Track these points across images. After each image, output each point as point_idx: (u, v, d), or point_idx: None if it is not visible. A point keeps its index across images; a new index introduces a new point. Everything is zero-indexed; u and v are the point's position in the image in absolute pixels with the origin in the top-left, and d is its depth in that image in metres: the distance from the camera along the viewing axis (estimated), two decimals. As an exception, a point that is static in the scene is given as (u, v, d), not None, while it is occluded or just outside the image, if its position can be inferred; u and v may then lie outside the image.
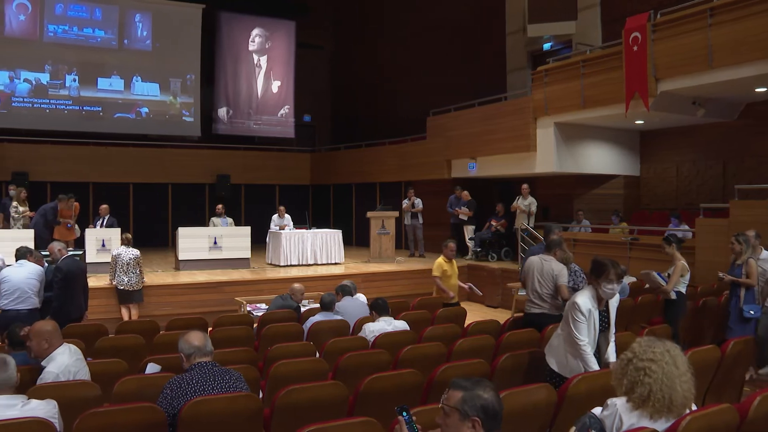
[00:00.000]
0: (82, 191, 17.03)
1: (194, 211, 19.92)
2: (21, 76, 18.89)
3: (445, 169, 16.57)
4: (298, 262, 14.43)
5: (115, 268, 10.77)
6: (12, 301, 7.75)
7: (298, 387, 4.40)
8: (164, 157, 20.22)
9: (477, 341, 6.17)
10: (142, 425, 3.94)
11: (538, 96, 13.72)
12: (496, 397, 2.68)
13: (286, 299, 8.82)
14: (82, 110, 19.60)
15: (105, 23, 19.94)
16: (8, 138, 18.56)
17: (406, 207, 16.00)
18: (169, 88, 20.58)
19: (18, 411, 3.72)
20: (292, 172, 22.18)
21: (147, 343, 6.72)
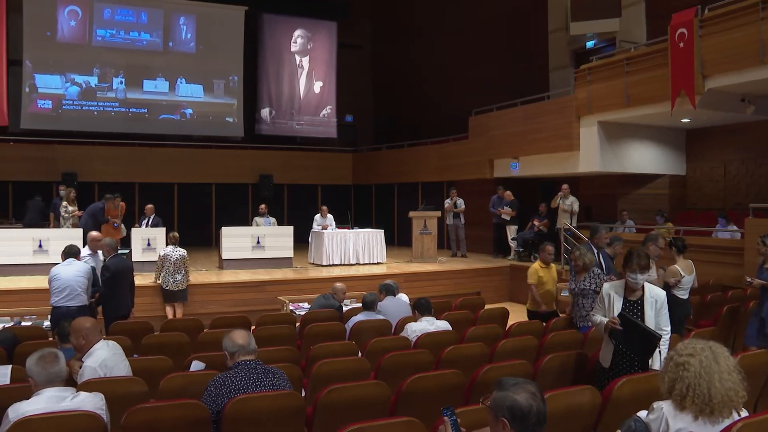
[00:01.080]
0: (128, 191, 17.33)
1: (237, 210, 20.10)
2: (71, 80, 19.34)
3: (488, 168, 16.48)
4: (341, 262, 14.48)
5: (162, 267, 10.86)
6: (62, 298, 7.93)
7: (340, 386, 4.41)
8: (208, 158, 20.48)
9: (520, 342, 6.13)
10: (187, 421, 4.01)
11: (581, 95, 13.56)
12: (535, 399, 2.62)
13: (329, 298, 8.86)
14: (129, 112, 19.97)
15: (150, 26, 20.29)
16: (59, 140, 19.04)
17: (449, 207, 15.95)
18: (213, 90, 20.83)
19: (68, 403, 3.83)
20: (334, 172, 22.27)
21: (191, 340, 6.81)
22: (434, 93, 20.48)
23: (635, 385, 4.33)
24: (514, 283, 14.20)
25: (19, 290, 10.89)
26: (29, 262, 12.32)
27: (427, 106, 20.70)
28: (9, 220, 17.72)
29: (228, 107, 21.02)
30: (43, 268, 10.69)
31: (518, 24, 17.52)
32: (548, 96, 15.10)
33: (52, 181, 18.12)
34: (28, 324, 7.88)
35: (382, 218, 20.59)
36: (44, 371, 3.85)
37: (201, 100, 20.70)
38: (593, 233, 7.68)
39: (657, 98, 11.69)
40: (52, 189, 17.66)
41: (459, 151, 17.63)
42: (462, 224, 15.96)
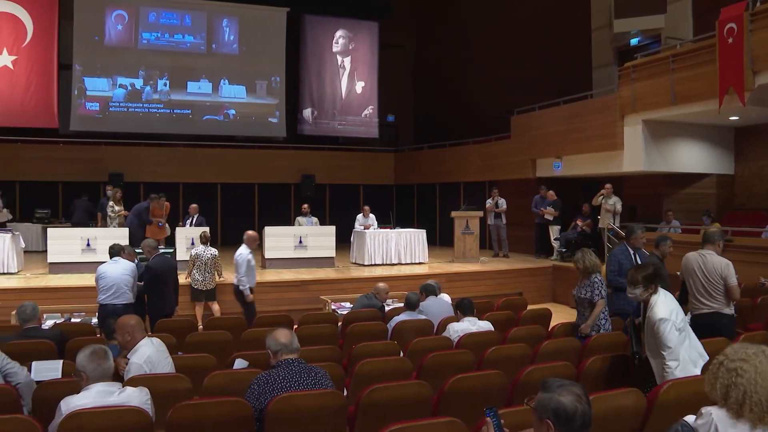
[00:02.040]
0: (173, 191, 17.57)
1: (280, 210, 20.28)
2: (117, 82, 19.73)
3: (530, 168, 16.36)
4: (382, 262, 14.50)
5: (192, 266, 10.84)
6: (109, 296, 8.11)
7: (382, 386, 4.43)
8: (251, 158, 20.70)
9: (562, 343, 6.09)
10: (231, 419, 4.06)
11: (625, 93, 13.38)
12: (580, 401, 2.58)
13: (371, 298, 8.88)
14: (173, 113, 20.28)
15: (194, 29, 20.59)
16: (106, 141, 19.47)
17: (490, 207, 15.87)
18: (255, 91, 21.03)
19: (116, 398, 3.93)
20: (376, 172, 22.31)
21: (234, 339, 6.88)
22: (476, 92, 20.38)
23: (681, 388, 4.24)
24: (557, 284, 14.08)
25: (68, 287, 11.13)
26: (78, 260, 12.57)
27: (469, 106, 20.62)
28: (59, 220, 18.16)
29: (270, 108, 21.20)
30: (90, 267, 10.92)
31: (560, 22, 17.35)
32: (591, 95, 14.93)
33: (100, 181, 18.49)
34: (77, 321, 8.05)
35: (423, 218, 20.58)
36: (98, 366, 3.96)
37: (244, 100, 20.91)
38: (629, 234, 7.52)
39: (704, 95, 11.47)
40: (100, 189, 18.01)
41: (501, 150, 17.54)
42: (504, 224, 15.87)
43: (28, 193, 18.75)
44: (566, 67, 17.09)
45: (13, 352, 5.21)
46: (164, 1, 20.38)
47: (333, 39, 22.27)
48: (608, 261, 7.68)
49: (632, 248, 7.33)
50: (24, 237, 13.78)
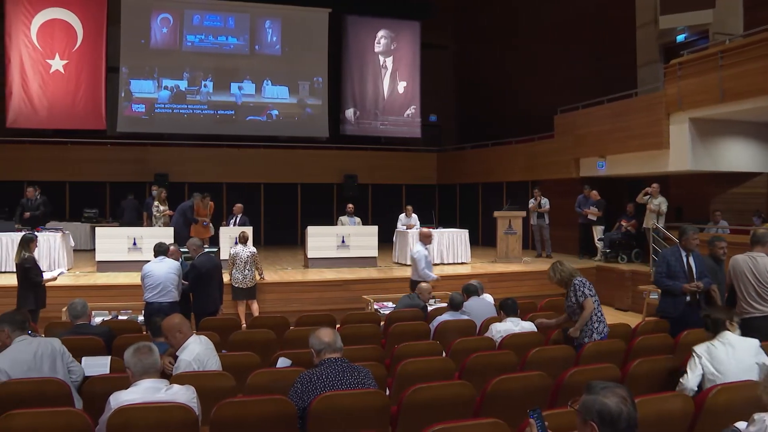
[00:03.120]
0: (217, 191, 17.79)
1: (323, 210, 20.40)
2: (162, 84, 20.06)
3: (573, 168, 16.19)
4: (425, 262, 14.48)
5: (232, 265, 10.92)
6: (155, 294, 8.25)
7: (424, 386, 4.42)
8: (293, 158, 20.83)
9: (607, 345, 6.00)
10: (274, 417, 4.09)
11: (671, 91, 13.14)
12: (625, 403, 2.56)
13: (413, 298, 8.87)
14: (217, 114, 20.54)
15: (237, 31, 20.82)
16: (151, 142, 19.82)
17: (533, 207, 15.75)
18: (298, 91, 21.18)
19: (163, 394, 3.99)
20: (418, 172, 22.29)
21: (278, 337, 6.93)
22: (519, 92, 20.24)
23: (731, 393, 4.16)
24: (601, 285, 13.83)
25: (116, 286, 11.36)
26: (124, 259, 12.80)
27: (511, 105, 20.48)
28: (106, 219, 18.52)
29: (313, 108, 21.31)
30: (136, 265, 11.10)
31: (604, 20, 17.10)
32: (636, 93, 14.70)
33: (145, 181, 18.83)
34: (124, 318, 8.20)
35: (466, 218, 20.50)
36: (140, 363, 4.03)
37: (286, 101, 21.07)
38: (681, 235, 7.19)
39: (754, 92, 11.18)
40: (145, 189, 18.34)
41: (544, 150, 17.39)
42: (547, 224, 15.74)
43: (77, 193, 19.21)
44: (610, 65, 16.85)
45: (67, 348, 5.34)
46: (208, 4, 20.68)
47: (375, 39, 22.33)
48: (657, 262, 7.45)
49: (685, 250, 7.08)
50: (73, 236, 14.09)
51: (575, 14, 17.87)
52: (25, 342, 4.99)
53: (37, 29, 19.11)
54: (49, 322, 7.79)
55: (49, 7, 19.20)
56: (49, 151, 19.09)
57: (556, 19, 18.67)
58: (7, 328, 5.09)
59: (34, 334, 6.05)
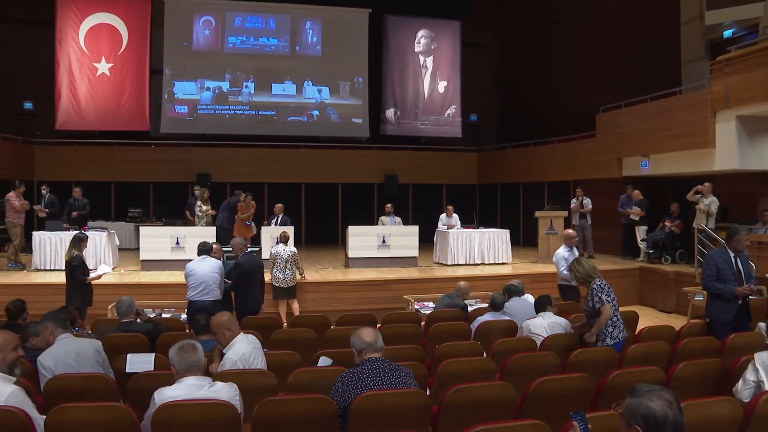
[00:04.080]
0: (258, 191, 17.94)
1: (363, 210, 20.46)
2: (205, 85, 20.32)
3: (616, 167, 15.99)
4: (466, 262, 14.44)
5: (273, 264, 10.97)
6: (198, 293, 8.36)
7: (465, 386, 4.42)
8: (334, 158, 20.94)
9: (650, 347, 5.91)
10: (315, 415, 4.12)
11: (717, 88, 12.87)
12: (671, 407, 2.51)
13: (453, 297, 8.87)
14: (258, 114, 20.73)
15: (278, 32, 20.99)
16: (194, 142, 20.11)
17: (575, 207, 15.60)
18: (339, 91, 21.26)
19: (206, 392, 4.05)
20: (458, 172, 22.22)
21: (319, 336, 6.97)
22: (560, 90, 20.05)
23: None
24: (644, 286, 13.72)
25: (159, 284, 11.56)
26: (168, 258, 13.00)
27: (553, 104, 20.30)
28: (150, 218, 18.82)
29: (354, 108, 21.39)
30: (179, 264, 11.28)
31: (647, 17, 16.82)
32: (680, 91, 14.46)
33: (188, 181, 19.09)
34: (167, 316, 8.33)
35: (507, 218, 20.38)
36: (184, 360, 4.09)
37: (327, 101, 21.17)
38: (732, 235, 6.95)
39: (805, 89, 10.91)
40: (188, 189, 18.57)
41: (586, 149, 17.20)
42: (589, 224, 15.56)
43: (121, 193, 19.57)
44: (653, 62, 16.59)
45: (111, 344, 5.46)
46: (249, 6, 20.88)
47: (415, 39, 22.31)
48: (705, 264, 7.17)
49: (733, 251, 6.87)
50: (118, 235, 14.36)
51: (617, 11, 17.61)
52: (68, 341, 5.12)
53: (85, 34, 19.59)
54: (95, 320, 7.95)
55: (96, 12, 19.68)
56: (95, 153, 19.51)
57: (597, 16, 18.44)
58: (50, 325, 5.25)
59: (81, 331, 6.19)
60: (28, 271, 12.69)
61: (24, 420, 3.76)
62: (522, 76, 22.25)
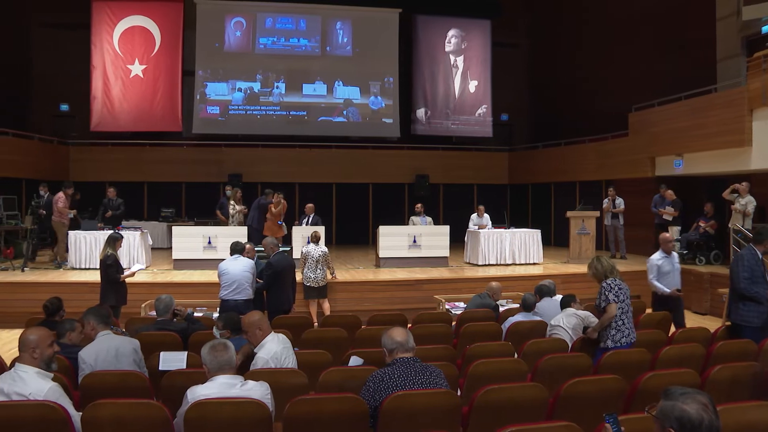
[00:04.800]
0: (289, 191, 18.03)
1: (394, 210, 20.45)
2: (236, 86, 20.48)
3: (649, 166, 15.82)
4: (497, 262, 14.38)
5: (304, 264, 10.96)
6: (230, 292, 8.44)
7: (497, 387, 4.40)
8: (365, 158, 20.99)
9: (685, 349, 5.83)
10: (346, 415, 4.13)
11: (754, 85, 12.65)
12: (707, 411, 2.45)
13: (484, 297, 8.83)
14: (289, 115, 20.83)
15: (309, 32, 21.09)
16: (226, 143, 20.27)
17: (607, 207, 15.45)
18: (369, 92, 21.30)
19: (238, 390, 4.08)
20: (489, 172, 22.14)
21: (349, 336, 6.98)
22: (591, 89, 19.86)
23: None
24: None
25: (192, 283, 11.67)
26: (200, 257, 13.13)
27: (584, 103, 20.11)
28: (182, 218, 19.03)
29: (384, 108, 21.41)
30: (211, 263, 11.39)
31: (681, 13, 16.58)
32: (716, 88, 14.24)
33: (220, 182, 19.28)
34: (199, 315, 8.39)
35: (538, 218, 20.25)
36: (215, 359, 4.12)
37: (358, 101, 21.22)
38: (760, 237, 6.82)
39: None
40: (219, 189, 18.75)
41: (618, 148, 17.04)
42: (621, 224, 15.41)
43: (154, 193, 19.83)
44: (687, 60, 16.35)
45: (145, 342, 5.53)
46: (280, 7, 20.99)
47: (445, 38, 22.26)
48: (738, 265, 6.90)
49: (762, 252, 6.72)
50: (151, 235, 14.52)
51: (650, 8, 17.38)
52: (108, 337, 5.22)
53: (119, 36, 19.90)
54: (129, 318, 8.05)
55: (130, 15, 19.99)
56: (128, 153, 19.79)
57: (629, 14, 18.20)
58: (93, 320, 5.38)
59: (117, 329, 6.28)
60: (65, 269, 12.91)
61: (63, 415, 3.86)
62: (553, 75, 22.09)
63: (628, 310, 6.23)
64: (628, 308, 6.22)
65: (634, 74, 17.88)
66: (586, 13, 20.22)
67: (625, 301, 6.21)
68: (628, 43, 18.17)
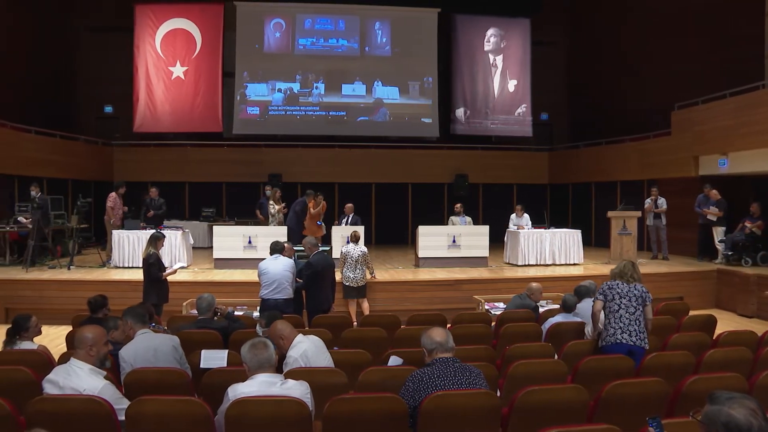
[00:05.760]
0: (328, 191, 18.12)
1: (433, 210, 20.41)
2: (276, 87, 20.64)
3: (692, 166, 15.54)
4: (536, 262, 14.27)
5: (343, 264, 10.99)
6: (271, 291, 8.51)
7: (537, 388, 4.37)
8: (404, 158, 20.98)
9: (731, 353, 5.70)
10: (385, 414, 4.14)
11: (803, 81, 12.35)
12: (755, 416, 2.37)
13: (524, 298, 8.78)
14: (328, 115, 20.93)
15: (348, 33, 21.17)
16: (265, 143, 20.44)
17: (649, 207, 15.22)
18: (408, 91, 21.29)
19: (278, 389, 4.12)
20: (529, 172, 21.98)
21: (389, 336, 6.98)
22: (633, 88, 19.56)
23: None
24: (722, 289, 13.25)
25: (232, 282, 11.78)
26: (240, 256, 13.25)
27: (625, 102, 19.83)
28: (223, 218, 19.23)
29: (423, 108, 21.38)
30: (251, 263, 11.49)
31: (726, 9, 16.22)
32: (763, 85, 13.93)
33: (259, 182, 19.45)
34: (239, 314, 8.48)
35: (578, 218, 20.05)
36: (256, 358, 4.16)
37: (397, 101, 21.23)
38: None
39: None
40: (259, 189, 18.91)
41: (661, 147, 16.77)
42: (663, 225, 15.16)
43: (195, 193, 20.10)
44: (733, 57, 16.00)
45: (186, 340, 5.61)
46: (319, 8, 21.09)
47: (484, 38, 22.15)
48: None
49: None
50: (192, 234, 14.69)
51: (694, 3, 17.05)
52: (146, 336, 5.31)
53: (161, 39, 20.24)
54: (171, 316, 8.16)
55: (172, 18, 20.32)
56: (170, 154, 20.09)
57: (671, 9, 17.86)
58: (130, 320, 5.48)
59: (159, 326, 6.37)
60: (108, 268, 13.15)
61: (108, 410, 3.98)
62: (594, 72, 21.82)
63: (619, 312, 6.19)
64: (619, 310, 6.19)
65: (675, 71, 17.57)
66: (626, 9, 19.92)
67: (617, 302, 6.22)
68: (670, 40, 17.86)
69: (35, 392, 4.30)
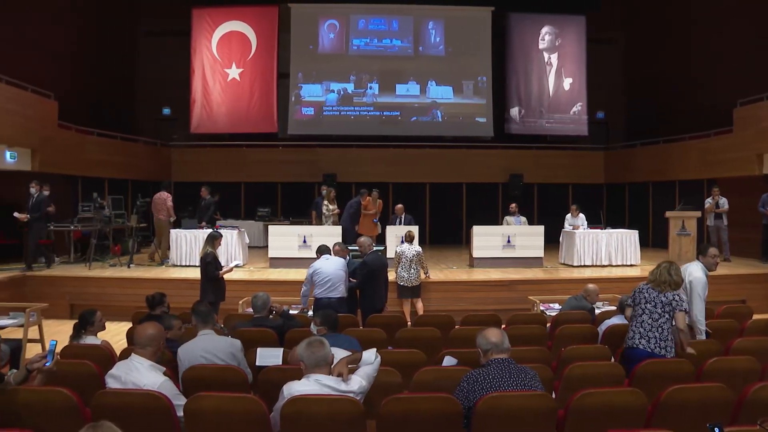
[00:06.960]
0: (383, 191, 18.15)
1: (487, 209, 20.31)
2: (330, 87, 20.79)
3: (756, 164, 15.10)
4: (592, 263, 14.06)
5: (398, 263, 10.99)
6: (324, 290, 8.57)
7: (594, 391, 4.31)
8: (458, 158, 20.93)
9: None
10: (439, 414, 4.12)
11: None
12: None
13: (580, 300, 8.67)
14: (383, 115, 20.99)
15: (401, 33, 21.20)
16: (320, 143, 20.61)
17: (709, 207, 14.86)
18: (462, 91, 21.21)
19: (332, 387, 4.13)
20: (585, 171, 21.68)
21: (443, 336, 6.95)
22: (693, 85, 19.11)
23: None
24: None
25: (287, 281, 11.90)
26: (295, 256, 13.38)
27: (684, 99, 19.39)
28: (278, 218, 19.45)
29: (478, 107, 21.28)
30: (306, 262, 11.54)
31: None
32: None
33: (314, 182, 19.62)
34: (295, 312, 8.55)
35: (635, 218, 19.71)
36: (312, 356, 4.18)
37: (451, 101, 21.17)
38: None
39: None
40: (314, 189, 19.07)
41: (722, 145, 16.34)
42: (725, 225, 14.78)
43: (251, 193, 20.40)
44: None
45: (243, 339, 5.69)
46: (373, 8, 21.20)
47: (539, 36, 21.91)
48: None
49: None
50: (248, 233, 14.89)
51: (755, 0, 16.58)
52: (208, 337, 5.39)
53: (217, 42, 20.59)
54: (227, 314, 8.28)
55: (228, 21, 20.64)
56: (226, 154, 20.43)
57: (733, 7, 17.42)
58: (194, 319, 5.62)
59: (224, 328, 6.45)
60: (166, 266, 13.42)
61: (167, 405, 4.09)
62: (651, 70, 21.39)
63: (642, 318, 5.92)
64: (642, 315, 5.92)
65: (737, 68, 17.08)
66: (685, 7, 19.46)
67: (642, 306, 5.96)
68: (731, 34, 17.38)
69: (98, 386, 4.45)
